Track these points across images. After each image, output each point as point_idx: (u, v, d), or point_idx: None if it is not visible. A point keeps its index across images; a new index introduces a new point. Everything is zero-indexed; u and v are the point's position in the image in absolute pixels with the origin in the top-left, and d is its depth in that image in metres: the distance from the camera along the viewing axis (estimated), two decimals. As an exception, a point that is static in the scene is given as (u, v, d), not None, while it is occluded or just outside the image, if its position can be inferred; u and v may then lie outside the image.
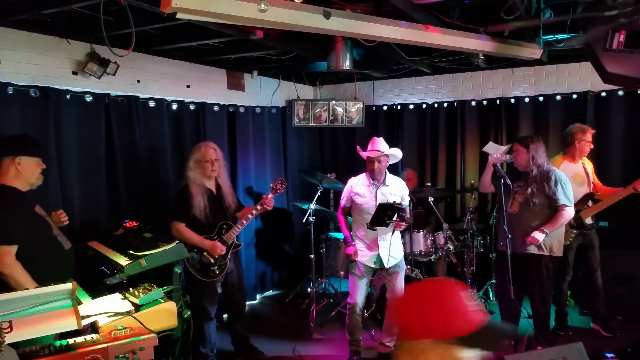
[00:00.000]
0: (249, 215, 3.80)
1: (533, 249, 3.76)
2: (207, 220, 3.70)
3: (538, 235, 3.69)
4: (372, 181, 3.81)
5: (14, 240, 2.59)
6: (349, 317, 3.86)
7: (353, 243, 3.83)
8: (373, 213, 3.63)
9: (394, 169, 4.61)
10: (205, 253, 3.70)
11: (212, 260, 3.71)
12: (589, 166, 4.31)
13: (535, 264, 3.78)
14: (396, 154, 3.87)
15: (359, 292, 3.82)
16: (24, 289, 2.50)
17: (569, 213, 3.73)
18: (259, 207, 3.80)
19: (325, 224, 5.98)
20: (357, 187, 3.85)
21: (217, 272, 3.74)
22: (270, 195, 3.84)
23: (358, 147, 3.92)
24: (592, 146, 4.20)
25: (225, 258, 3.79)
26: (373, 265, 3.79)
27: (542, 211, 3.76)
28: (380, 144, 3.78)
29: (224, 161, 3.94)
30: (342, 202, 3.99)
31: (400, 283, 3.84)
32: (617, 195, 4.12)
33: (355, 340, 3.88)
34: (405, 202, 3.85)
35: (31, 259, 2.64)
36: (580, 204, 4.14)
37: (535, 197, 3.74)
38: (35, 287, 2.57)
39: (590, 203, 4.19)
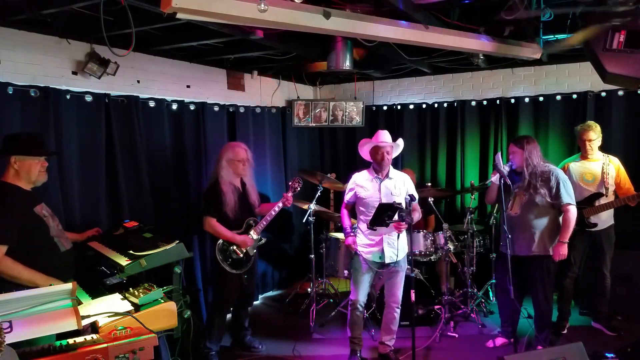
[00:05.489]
0: (272, 212, 4.02)
1: (540, 251, 3.76)
2: (235, 217, 3.90)
3: (563, 250, 3.70)
4: (375, 175, 3.80)
5: (3, 239, 2.58)
6: (351, 314, 3.84)
7: (352, 234, 3.84)
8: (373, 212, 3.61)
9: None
10: (234, 247, 3.89)
11: (240, 255, 3.91)
12: (614, 167, 4.16)
13: (539, 264, 3.78)
14: (400, 144, 3.87)
15: (361, 289, 3.80)
16: (27, 280, 2.58)
17: (574, 211, 3.74)
18: (280, 204, 4.04)
19: (325, 224, 5.98)
20: (361, 181, 3.84)
21: (247, 265, 3.97)
22: (290, 194, 4.08)
23: (360, 143, 3.88)
24: (591, 145, 4.13)
25: (251, 252, 3.99)
26: (379, 260, 3.75)
27: (546, 212, 3.75)
28: (387, 136, 3.78)
29: (252, 161, 4.14)
30: (346, 197, 3.95)
31: (398, 283, 3.81)
32: (615, 202, 4.08)
33: (355, 337, 3.87)
34: (415, 196, 3.81)
35: (25, 260, 2.63)
36: (585, 203, 4.12)
37: (537, 198, 3.74)
38: (36, 274, 2.64)
39: (597, 202, 4.11)
